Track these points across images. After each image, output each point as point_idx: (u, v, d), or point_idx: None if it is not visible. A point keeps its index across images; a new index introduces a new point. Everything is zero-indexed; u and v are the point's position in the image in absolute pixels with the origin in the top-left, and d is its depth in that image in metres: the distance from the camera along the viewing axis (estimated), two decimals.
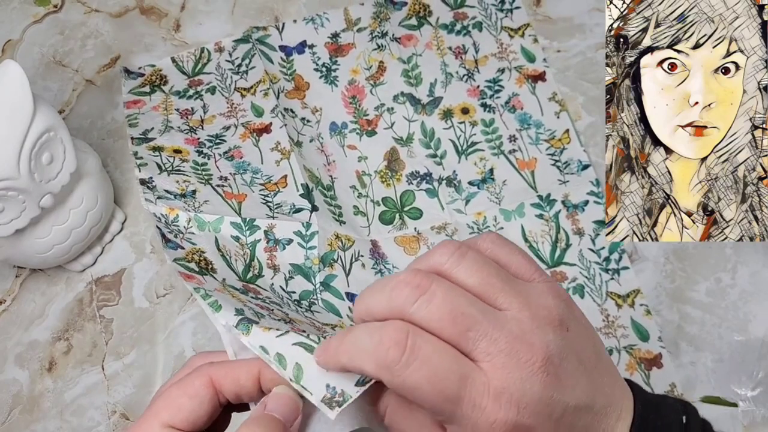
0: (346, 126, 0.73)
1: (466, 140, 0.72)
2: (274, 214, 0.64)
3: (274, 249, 0.62)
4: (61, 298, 0.68)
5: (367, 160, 0.72)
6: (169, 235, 0.57)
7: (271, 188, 0.66)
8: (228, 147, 0.69)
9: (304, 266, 0.63)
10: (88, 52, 0.79)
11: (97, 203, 0.65)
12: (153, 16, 0.80)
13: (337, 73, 0.76)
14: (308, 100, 0.74)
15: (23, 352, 0.66)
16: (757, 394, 0.60)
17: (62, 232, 0.63)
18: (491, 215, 0.68)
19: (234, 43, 0.77)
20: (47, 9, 0.81)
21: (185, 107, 0.73)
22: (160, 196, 0.61)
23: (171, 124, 0.70)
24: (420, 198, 0.69)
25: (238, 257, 0.60)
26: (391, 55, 0.76)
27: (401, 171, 0.71)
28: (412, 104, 0.74)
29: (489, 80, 0.75)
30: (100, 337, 0.66)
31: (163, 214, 0.59)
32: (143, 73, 0.75)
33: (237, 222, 0.62)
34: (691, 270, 0.65)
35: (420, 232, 0.68)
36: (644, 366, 0.61)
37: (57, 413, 0.64)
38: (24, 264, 0.67)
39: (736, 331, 0.63)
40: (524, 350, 0.34)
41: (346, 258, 0.65)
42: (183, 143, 0.69)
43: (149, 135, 0.69)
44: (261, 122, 0.71)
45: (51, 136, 0.58)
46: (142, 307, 0.67)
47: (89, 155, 0.66)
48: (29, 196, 0.58)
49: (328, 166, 0.71)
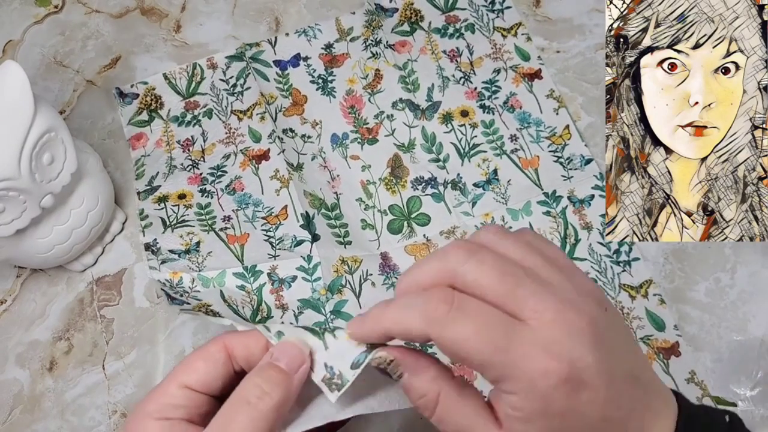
0: (347, 136, 0.73)
1: (468, 142, 0.72)
2: (275, 252, 0.66)
3: (280, 289, 0.65)
4: (61, 298, 0.68)
5: (371, 169, 0.72)
6: (175, 296, 0.62)
7: (272, 221, 0.68)
8: (229, 179, 0.71)
9: (312, 299, 0.65)
10: (88, 53, 0.79)
11: (98, 203, 0.65)
12: (153, 17, 0.80)
13: (334, 84, 0.76)
14: (307, 115, 0.75)
15: (24, 352, 0.66)
16: (756, 394, 0.60)
17: (63, 232, 0.63)
18: (499, 215, 0.68)
19: (227, 60, 0.77)
20: (48, 10, 0.81)
21: (186, 137, 0.74)
22: (165, 260, 0.66)
23: (174, 162, 0.73)
24: (426, 203, 0.70)
25: (245, 304, 0.63)
26: (387, 63, 0.76)
27: (405, 177, 0.71)
28: (411, 110, 0.74)
29: (486, 81, 0.75)
30: (100, 337, 0.66)
31: (168, 279, 0.64)
32: (137, 93, 0.76)
33: (239, 272, 0.65)
34: (690, 270, 0.65)
35: (429, 239, 0.68)
36: (663, 356, 0.61)
37: (58, 413, 0.64)
38: (25, 264, 0.67)
39: (735, 331, 0.63)
40: (572, 312, 0.34)
41: (355, 281, 0.66)
42: (187, 184, 0.71)
43: (154, 183, 0.71)
44: (259, 148, 0.72)
45: (52, 136, 0.58)
46: (143, 307, 0.67)
47: (90, 155, 0.66)
48: (30, 197, 0.58)
49: (332, 182, 0.71)
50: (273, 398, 0.37)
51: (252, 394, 0.37)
